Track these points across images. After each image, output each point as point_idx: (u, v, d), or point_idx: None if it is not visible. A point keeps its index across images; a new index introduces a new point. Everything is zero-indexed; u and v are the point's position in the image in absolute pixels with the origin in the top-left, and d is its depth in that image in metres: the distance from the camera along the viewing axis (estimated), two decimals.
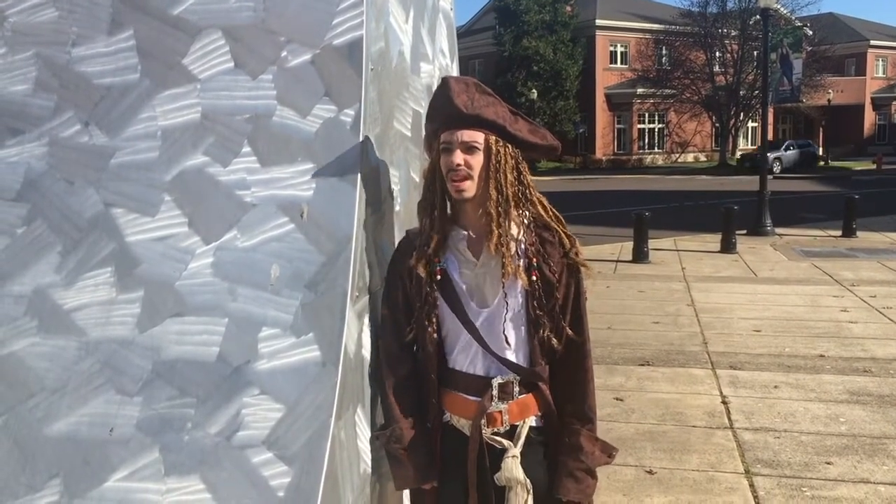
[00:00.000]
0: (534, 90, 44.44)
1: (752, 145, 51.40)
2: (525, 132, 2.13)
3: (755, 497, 4.21)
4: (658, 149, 51.97)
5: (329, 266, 2.18)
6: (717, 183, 33.73)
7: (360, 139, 2.26)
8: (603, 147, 49.93)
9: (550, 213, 2.20)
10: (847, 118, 56.82)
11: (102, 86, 2.41)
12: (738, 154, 46.63)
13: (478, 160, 2.08)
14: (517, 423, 2.17)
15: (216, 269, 2.23)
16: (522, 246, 2.14)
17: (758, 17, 15.53)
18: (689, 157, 51.43)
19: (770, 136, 56.03)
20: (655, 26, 48.40)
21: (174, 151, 2.35)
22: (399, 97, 2.68)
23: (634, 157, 50.27)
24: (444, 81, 2.14)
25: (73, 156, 2.40)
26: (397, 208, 2.60)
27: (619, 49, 50.88)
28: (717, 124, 47.83)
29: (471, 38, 50.79)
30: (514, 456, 2.14)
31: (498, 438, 2.15)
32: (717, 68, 46.13)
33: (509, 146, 2.11)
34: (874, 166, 38.70)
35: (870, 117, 60.13)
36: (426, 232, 2.17)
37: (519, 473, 2.13)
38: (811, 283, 10.41)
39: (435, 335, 2.17)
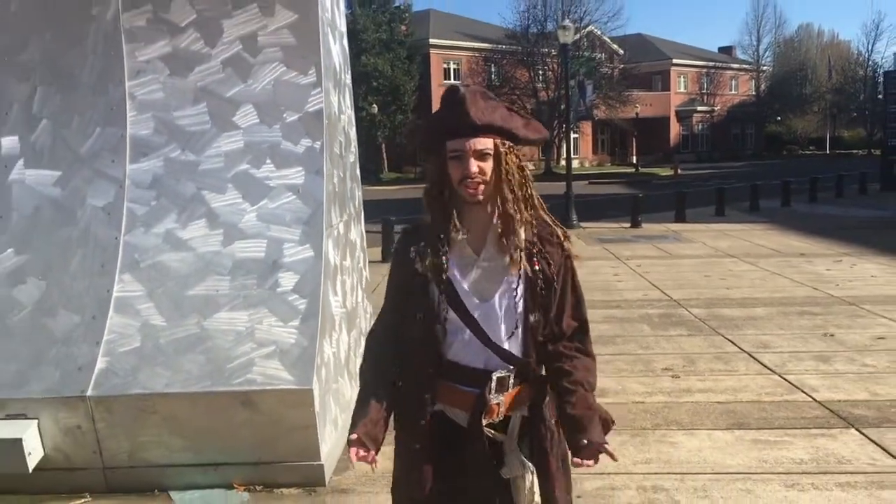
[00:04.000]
0: (374, 105, 47.16)
1: (574, 154, 56.34)
2: (523, 129, 2.22)
3: None
4: None
5: (314, 214, 4.73)
6: (542, 188, 37.49)
7: (324, 157, 4.83)
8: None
9: (545, 210, 2.30)
10: (655, 129, 62.90)
11: (190, 131, 4.84)
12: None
13: (489, 166, 2.16)
14: (510, 415, 2.26)
15: (258, 218, 4.73)
16: (524, 242, 2.23)
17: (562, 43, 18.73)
18: None
19: (590, 147, 62.07)
20: (484, 45, 52.38)
21: (231, 163, 4.82)
22: (335, 135, 5.26)
23: None
24: (455, 92, 2.19)
25: (176, 166, 4.81)
26: (338, 190, 5.19)
27: (452, 66, 54.55)
28: None
29: None
30: (513, 450, 2.26)
31: (493, 431, 2.24)
32: (539, 84, 50.64)
33: (513, 146, 2.21)
34: (673, 172, 44.26)
35: (675, 128, 66.78)
36: (436, 230, 2.22)
37: (526, 462, 2.27)
38: (598, 259, 13.63)
39: (437, 330, 2.21)
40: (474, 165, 2.13)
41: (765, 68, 74.33)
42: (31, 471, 4.18)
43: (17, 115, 4.83)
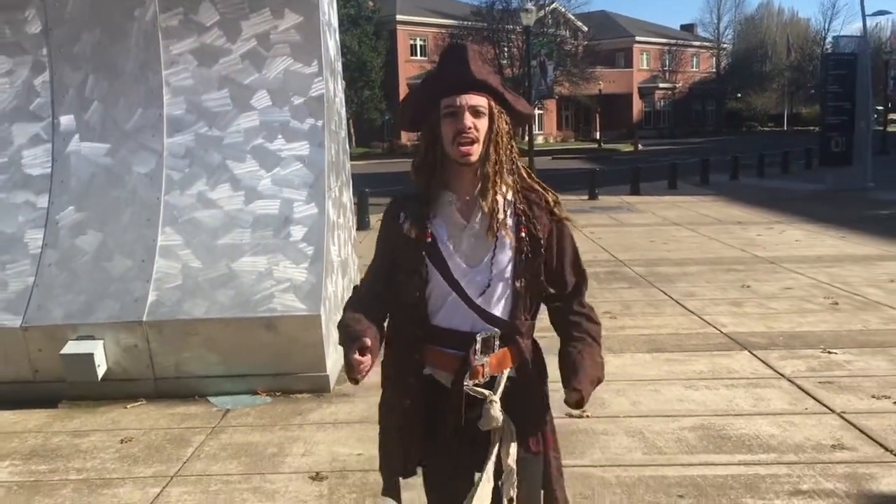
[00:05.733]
0: (342, 80, 47.80)
1: (539, 130, 57.56)
2: (513, 101, 2.24)
3: None
4: None
5: (317, 179, 5.89)
6: None
7: (325, 133, 5.97)
8: (407, 133, 54.22)
9: (533, 177, 2.31)
10: (619, 106, 64.20)
11: (215, 111, 5.95)
12: None
13: (483, 124, 2.16)
14: (496, 375, 2.28)
15: (273, 182, 5.88)
16: (512, 208, 2.24)
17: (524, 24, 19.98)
18: None
19: (555, 123, 63.32)
20: (450, 21, 53.09)
21: (249, 137, 5.95)
22: (332, 115, 6.41)
23: None
24: (456, 47, 2.21)
25: (205, 140, 5.93)
26: (334, 160, 6.35)
27: (419, 42, 55.31)
28: None
29: None
30: (492, 401, 2.23)
31: (479, 389, 2.24)
32: (504, 61, 51.62)
33: (504, 113, 2.21)
34: (633, 148, 45.84)
35: (638, 105, 68.08)
36: (422, 193, 2.25)
37: (499, 415, 2.24)
38: None
39: (423, 294, 2.24)
40: (469, 120, 2.14)
41: (725, 46, 76.08)
42: (99, 379, 5.33)
43: (72, 98, 5.91)
